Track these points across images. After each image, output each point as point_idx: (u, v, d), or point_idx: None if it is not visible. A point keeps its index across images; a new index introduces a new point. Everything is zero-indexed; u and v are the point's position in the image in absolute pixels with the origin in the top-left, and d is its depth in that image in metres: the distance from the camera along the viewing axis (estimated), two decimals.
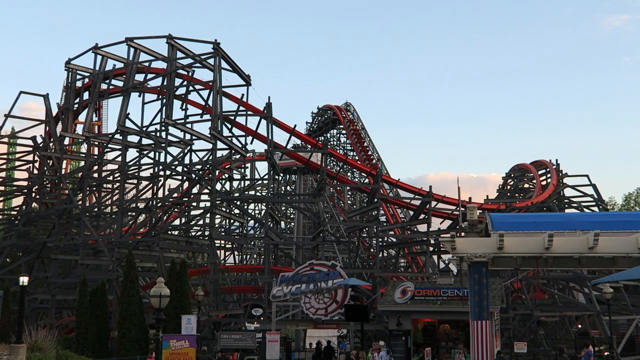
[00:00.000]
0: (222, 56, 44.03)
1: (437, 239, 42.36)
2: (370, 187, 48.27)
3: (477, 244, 21.98)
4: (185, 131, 44.91)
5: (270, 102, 43.16)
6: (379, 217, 46.64)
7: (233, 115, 45.37)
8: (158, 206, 43.37)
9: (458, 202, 31.97)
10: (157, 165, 44.47)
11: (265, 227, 42.30)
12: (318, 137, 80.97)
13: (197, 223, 48.12)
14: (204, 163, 45.36)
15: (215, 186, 43.27)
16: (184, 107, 45.95)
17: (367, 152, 71.75)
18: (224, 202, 44.84)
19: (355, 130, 75.15)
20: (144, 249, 43.85)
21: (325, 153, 44.95)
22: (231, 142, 45.21)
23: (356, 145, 73.03)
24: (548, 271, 41.27)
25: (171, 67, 44.44)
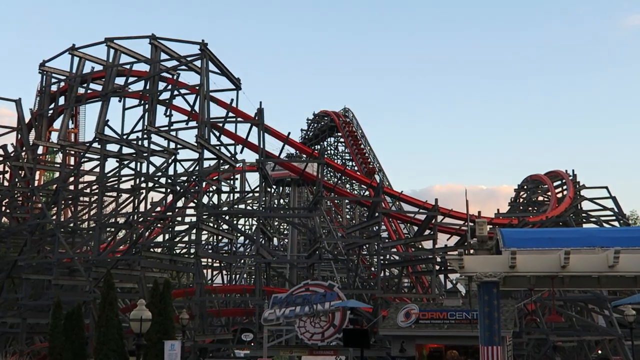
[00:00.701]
0: (210, 58, 44.12)
1: (444, 257, 42.31)
2: (370, 200, 48.25)
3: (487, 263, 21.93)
4: (169, 139, 44.89)
5: (262, 107, 43.23)
6: (380, 233, 46.61)
7: (221, 122, 45.38)
8: (139, 221, 43.23)
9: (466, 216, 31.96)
10: (139, 176, 44.38)
11: (257, 243, 42.19)
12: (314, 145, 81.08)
13: (182, 240, 47.94)
14: (189, 174, 45.27)
15: (202, 199, 43.20)
16: (168, 113, 45.94)
17: (368, 162, 71.91)
18: (211, 216, 44.73)
19: (355, 138, 75.33)
20: (124, 268, 43.63)
21: (321, 163, 44.97)
22: (219, 151, 45.18)
23: (355, 154, 73.19)
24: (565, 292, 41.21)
25: (154, 69, 44.50)
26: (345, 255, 49.16)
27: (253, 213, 50.29)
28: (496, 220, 51.62)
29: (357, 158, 72.62)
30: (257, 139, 43.11)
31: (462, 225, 45.81)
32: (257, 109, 43.51)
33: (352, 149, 73.89)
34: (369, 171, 71.36)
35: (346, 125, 77.01)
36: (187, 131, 45.32)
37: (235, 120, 45.98)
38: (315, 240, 45.72)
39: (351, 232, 50.83)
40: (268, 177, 46.26)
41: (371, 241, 46.54)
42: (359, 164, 71.73)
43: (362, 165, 71.44)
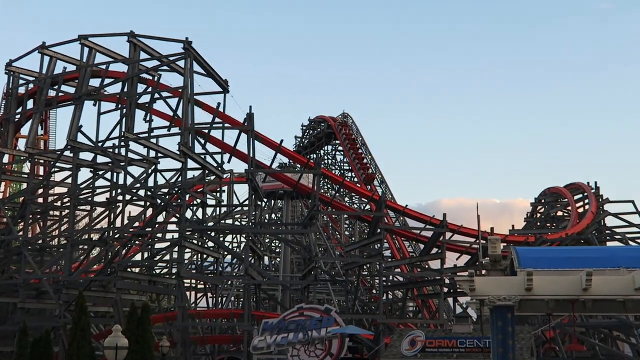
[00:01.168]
0: (195, 58, 44.22)
1: (453, 279, 42.25)
2: (372, 215, 48.21)
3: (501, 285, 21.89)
4: (149, 147, 44.88)
5: (252, 112, 43.30)
6: (382, 252, 46.52)
7: (207, 129, 45.40)
8: (116, 238, 43.13)
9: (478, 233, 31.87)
10: (115, 188, 44.33)
11: (246, 263, 42.09)
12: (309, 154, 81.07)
13: (162, 259, 47.81)
14: (171, 186, 45.21)
15: (185, 214, 43.13)
16: (148, 118, 45.95)
17: (369, 173, 71.99)
18: (195, 233, 44.64)
19: (355, 146, 75.43)
20: (98, 290, 43.47)
21: (318, 174, 44.97)
22: (205, 160, 45.17)
23: (355, 164, 73.27)
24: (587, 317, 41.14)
25: (133, 70, 44.56)
26: (344, 276, 49.04)
27: (242, 229, 50.19)
28: (511, 237, 51.58)
29: (357, 168, 72.71)
30: (247, 147, 43.16)
31: (473, 243, 45.74)
32: (246, 114, 43.59)
33: (351, 158, 73.97)
34: (367, 178, 71.41)
35: (345, 132, 77.10)
36: (169, 138, 45.41)
37: (222, 127, 45.97)
38: (311, 259, 45.62)
39: (350, 250, 50.74)
40: (258, 189, 46.21)
41: (373, 260, 46.43)
42: (359, 174, 71.82)
43: (361, 172, 71.53)
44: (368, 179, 71.37)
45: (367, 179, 71.37)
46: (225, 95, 46.67)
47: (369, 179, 71.19)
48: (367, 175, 71.62)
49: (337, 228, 69.45)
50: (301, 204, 64.15)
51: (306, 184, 51.04)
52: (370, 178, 71.52)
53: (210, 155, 46.11)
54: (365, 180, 71.02)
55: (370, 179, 71.27)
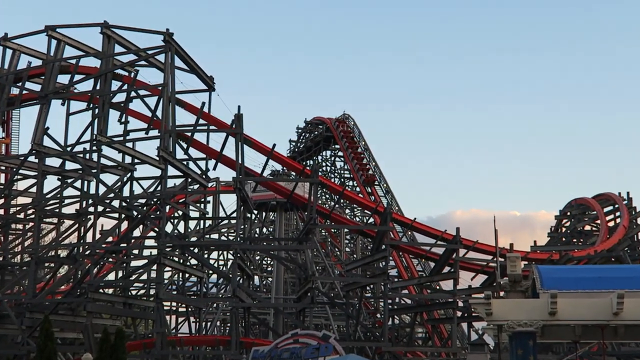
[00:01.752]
0: (176, 51, 44.29)
1: (467, 301, 42.25)
2: (376, 229, 48.21)
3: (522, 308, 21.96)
4: (124, 152, 44.91)
5: (241, 113, 43.32)
6: (387, 271, 46.56)
7: (190, 131, 45.46)
8: (86, 254, 43.05)
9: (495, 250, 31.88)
10: (86, 198, 44.30)
11: (233, 283, 42.06)
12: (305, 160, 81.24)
13: (139, 278, 47.74)
14: (149, 196, 45.20)
15: (165, 227, 43.12)
16: (123, 119, 45.98)
17: (368, 174, 72.08)
18: (176, 249, 44.61)
19: (356, 151, 75.56)
20: (66, 314, 43.35)
21: (315, 183, 45.03)
22: (187, 167, 45.19)
23: (357, 171, 73.38)
24: (618, 345, 41.19)
25: (107, 65, 44.63)
26: (344, 298, 49.03)
27: (229, 245, 50.12)
28: (532, 254, 51.66)
29: (358, 175, 72.80)
30: (235, 152, 43.15)
31: (490, 261, 45.77)
32: (234, 115, 43.63)
33: (352, 164, 74.08)
34: (367, 180, 71.46)
35: (345, 136, 77.26)
36: (147, 142, 45.28)
37: (207, 129, 45.97)
38: (307, 279, 45.60)
39: (352, 269, 50.73)
40: (248, 199, 46.23)
41: (376, 280, 46.41)
42: (357, 175, 71.85)
43: (359, 173, 71.57)
44: (368, 180, 71.41)
45: (367, 181, 71.41)
46: (210, 93, 46.73)
47: (368, 181, 71.21)
48: (366, 176, 71.65)
49: (337, 244, 69.49)
50: (296, 217, 64.17)
51: (301, 194, 51.02)
52: (370, 180, 71.54)
53: (194, 161, 46.13)
54: (364, 183, 71.05)
55: (370, 181, 71.30)
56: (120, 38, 45.17)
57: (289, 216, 65.16)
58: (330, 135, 79.00)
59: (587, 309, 21.53)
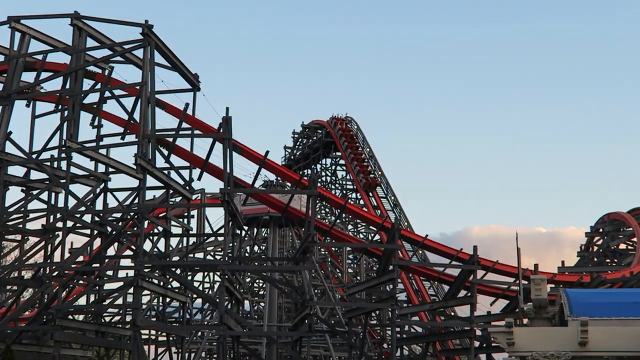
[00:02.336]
0: (157, 46, 44.30)
1: (486, 329, 42.17)
2: (382, 247, 48.14)
3: (548, 337, 21.90)
4: (97, 160, 44.84)
5: (230, 116, 43.28)
6: (396, 294, 46.47)
7: (172, 136, 45.42)
8: (53, 276, 42.96)
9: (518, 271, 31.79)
10: (53, 212, 44.23)
11: (220, 309, 41.95)
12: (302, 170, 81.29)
13: (114, 303, 47.60)
14: (125, 209, 45.12)
15: (143, 245, 43.02)
16: (96, 122, 45.94)
17: (370, 178, 72.16)
18: (156, 269, 44.52)
19: (360, 159, 75.59)
20: (31, 343, 43.17)
21: (313, 195, 44.95)
22: (168, 177, 45.14)
23: (357, 175, 73.41)
24: None
25: (78, 61, 44.63)
26: (347, 326, 48.90)
27: (215, 265, 50.06)
28: (560, 276, 51.59)
29: (358, 179, 72.84)
30: (222, 160, 43.11)
31: (512, 284, 45.69)
32: (222, 118, 43.56)
33: (356, 174, 74.13)
34: (368, 184, 71.40)
35: (348, 141, 77.27)
36: (124, 149, 45.25)
37: (191, 134, 45.92)
38: (304, 304, 45.46)
39: (355, 292, 50.65)
40: (237, 214, 46.16)
41: (383, 306, 46.29)
42: (357, 179, 71.78)
43: (360, 176, 71.46)
44: (369, 184, 71.35)
45: (368, 185, 71.36)
46: (195, 93, 46.67)
47: (370, 185, 71.14)
48: (367, 180, 71.58)
49: (338, 264, 69.39)
50: (292, 233, 64.09)
51: (298, 208, 50.98)
52: (372, 184, 71.50)
53: (176, 170, 46.04)
54: (365, 187, 71.02)
55: (371, 185, 71.24)
56: (92, 31, 45.17)
57: (283, 233, 65.09)
58: (330, 141, 79.05)
59: (622, 339, 21.48)
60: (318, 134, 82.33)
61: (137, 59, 45.23)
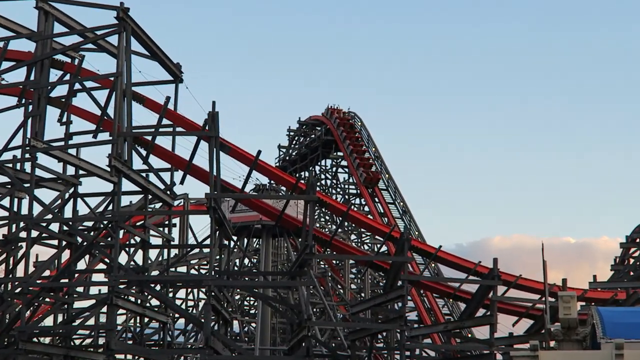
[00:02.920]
0: (134, 32, 44.28)
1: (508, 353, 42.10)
2: (390, 260, 48.07)
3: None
4: (66, 161, 44.81)
5: (217, 111, 43.25)
6: (405, 314, 46.36)
7: (151, 134, 45.40)
8: (16, 293, 42.94)
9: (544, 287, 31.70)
10: (16, 220, 44.17)
11: (206, 330, 41.89)
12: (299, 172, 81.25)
13: (84, 323, 47.54)
14: (98, 218, 45.09)
15: (118, 258, 42.98)
16: (65, 119, 45.90)
17: (371, 172, 72.15)
18: (132, 286, 44.47)
19: (364, 160, 75.62)
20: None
21: (311, 200, 44.91)
22: (147, 180, 45.10)
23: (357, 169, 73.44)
24: None
25: (44, 49, 44.62)
26: (349, 350, 48.87)
27: (200, 280, 50.00)
28: (591, 293, 51.53)
29: (358, 174, 72.86)
30: (208, 161, 43.07)
31: (537, 301, 45.64)
32: (208, 114, 43.53)
33: (359, 177, 74.16)
34: (369, 178, 71.36)
35: (350, 140, 77.31)
36: (96, 148, 45.16)
37: (173, 132, 45.90)
38: (301, 324, 45.41)
39: (359, 311, 50.60)
40: (225, 222, 46.13)
41: (391, 327, 46.19)
42: (357, 173, 71.72)
43: (360, 170, 71.41)
44: (370, 180, 71.36)
45: (369, 180, 71.37)
46: (177, 85, 46.64)
47: (372, 181, 71.13)
48: (368, 174, 71.54)
49: (340, 279, 69.33)
50: (287, 244, 64.05)
51: (294, 215, 50.92)
52: (374, 179, 71.50)
53: (155, 172, 45.99)
54: (365, 183, 71.00)
55: (373, 180, 71.25)
56: (61, 15, 45.16)
57: (277, 244, 65.06)
58: (331, 140, 79.09)
59: None
60: (317, 132, 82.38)
61: (111, 46, 45.20)
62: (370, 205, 72.46)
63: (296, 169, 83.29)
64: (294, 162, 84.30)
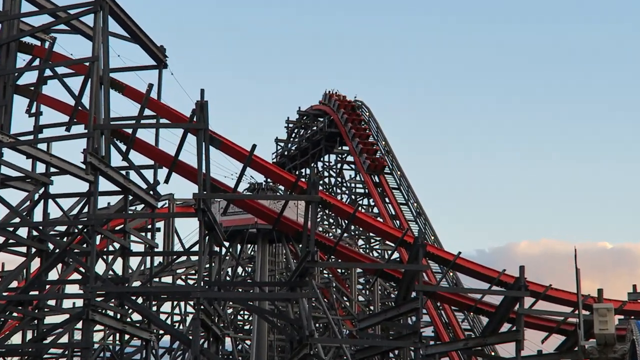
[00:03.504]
0: (112, 11, 44.37)
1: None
2: (402, 268, 48.11)
3: None
4: (36, 158, 44.87)
5: (206, 100, 43.31)
6: (419, 329, 46.44)
7: (132, 126, 45.44)
8: None
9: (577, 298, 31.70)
10: None
11: (194, 348, 42.02)
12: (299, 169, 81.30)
13: (57, 341, 47.62)
14: (72, 222, 45.17)
15: (95, 267, 43.07)
16: (34, 109, 45.92)
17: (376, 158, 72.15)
18: (111, 298, 44.54)
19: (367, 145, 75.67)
20: None
21: (313, 201, 44.99)
22: (127, 179, 45.16)
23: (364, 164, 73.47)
24: None
25: (10, 31, 44.69)
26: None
27: (188, 292, 50.05)
28: (631, 305, 51.52)
29: (360, 160, 72.81)
30: (197, 157, 43.14)
31: (569, 314, 45.63)
32: (195, 103, 43.60)
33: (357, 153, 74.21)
34: (373, 166, 71.47)
35: (357, 132, 77.35)
36: (69, 143, 45.23)
37: (156, 124, 45.95)
38: (302, 341, 45.54)
39: (367, 327, 50.68)
40: (216, 226, 46.22)
41: (404, 344, 46.30)
42: (360, 160, 71.68)
43: (363, 157, 71.49)
44: (375, 168, 71.51)
45: (374, 168, 71.51)
46: (160, 71, 46.73)
47: (376, 168, 71.29)
48: (372, 161, 71.60)
49: (345, 290, 69.39)
50: (285, 251, 64.08)
51: (294, 218, 50.96)
52: (379, 167, 71.62)
53: (137, 170, 46.03)
54: (370, 171, 71.14)
55: (377, 168, 71.39)
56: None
57: (275, 250, 65.09)
58: (335, 132, 79.07)
59: None
60: (319, 123, 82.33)
61: (86, 27, 45.22)
62: (380, 206, 72.48)
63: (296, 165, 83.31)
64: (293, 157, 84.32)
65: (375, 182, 73.89)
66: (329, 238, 56.07)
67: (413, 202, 73.91)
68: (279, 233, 54.78)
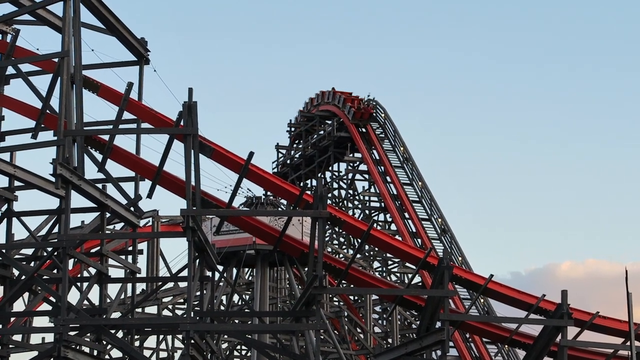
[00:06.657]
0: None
1: None
2: (425, 294, 48.05)
3: None
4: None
5: (194, 101, 43.33)
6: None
7: (109, 132, 45.47)
8: None
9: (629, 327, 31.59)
10: None
11: None
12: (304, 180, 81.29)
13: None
14: (40, 243, 45.20)
15: (67, 296, 43.08)
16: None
17: (367, 117, 72.29)
18: (87, 332, 44.58)
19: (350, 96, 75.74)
20: None
21: (321, 217, 44.97)
22: (104, 193, 45.19)
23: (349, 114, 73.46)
24: None
25: None
26: None
27: (175, 325, 50.06)
28: None
29: (345, 112, 72.79)
30: (184, 166, 43.15)
31: (620, 346, 45.55)
32: (183, 104, 43.62)
33: (385, 185, 74.24)
34: (358, 114, 72.24)
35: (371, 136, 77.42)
36: (36, 152, 45.31)
37: (137, 129, 45.98)
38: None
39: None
40: (207, 247, 46.22)
41: None
42: (343, 113, 71.86)
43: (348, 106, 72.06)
44: (360, 115, 72.14)
45: (359, 115, 72.19)
46: (141, 68, 46.78)
47: (362, 117, 71.95)
48: (358, 109, 72.32)
49: (359, 320, 69.43)
50: (289, 275, 64.10)
51: (298, 237, 50.97)
52: (365, 115, 72.19)
53: (115, 182, 46.04)
54: (355, 120, 71.57)
55: (364, 116, 72.04)
56: None
57: (277, 275, 65.12)
58: (345, 137, 79.03)
59: None
60: (327, 127, 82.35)
61: (54, 17, 45.31)
62: (399, 223, 72.50)
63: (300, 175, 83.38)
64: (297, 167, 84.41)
65: (393, 195, 73.89)
66: (340, 260, 56.05)
67: (437, 218, 73.93)
68: (281, 255, 54.80)
